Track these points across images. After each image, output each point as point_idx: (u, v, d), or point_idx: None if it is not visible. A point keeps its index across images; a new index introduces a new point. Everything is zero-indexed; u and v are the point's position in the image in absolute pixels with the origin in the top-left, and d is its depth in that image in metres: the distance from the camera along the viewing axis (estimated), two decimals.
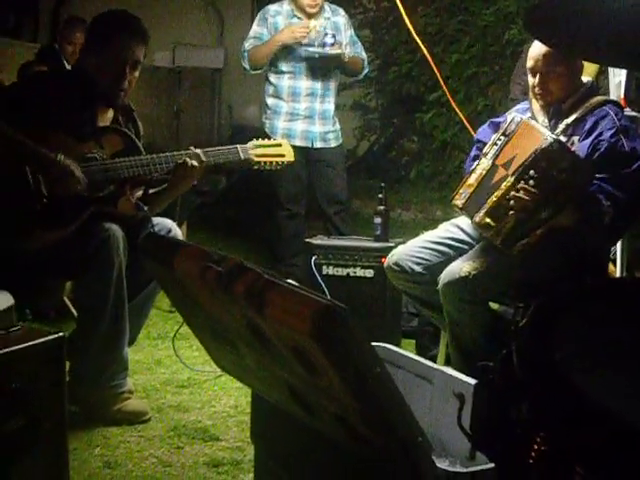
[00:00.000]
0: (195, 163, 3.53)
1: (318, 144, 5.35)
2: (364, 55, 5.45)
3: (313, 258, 4.45)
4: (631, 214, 3.30)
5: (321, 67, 5.27)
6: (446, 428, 2.33)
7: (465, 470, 1.78)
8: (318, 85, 5.30)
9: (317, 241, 4.56)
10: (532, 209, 3.14)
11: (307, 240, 4.61)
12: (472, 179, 3.33)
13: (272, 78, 5.36)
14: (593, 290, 1.44)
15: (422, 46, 4.95)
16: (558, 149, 3.14)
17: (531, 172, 3.13)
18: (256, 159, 3.82)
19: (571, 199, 3.17)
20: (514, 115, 3.38)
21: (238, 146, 3.78)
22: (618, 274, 3.79)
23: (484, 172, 3.29)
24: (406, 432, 1.73)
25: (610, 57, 2.38)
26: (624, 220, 3.27)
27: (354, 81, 8.08)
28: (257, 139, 3.91)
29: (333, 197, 5.41)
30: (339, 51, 5.18)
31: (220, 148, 3.74)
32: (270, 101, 5.39)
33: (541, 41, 2.94)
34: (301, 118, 5.31)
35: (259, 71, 5.38)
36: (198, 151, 3.60)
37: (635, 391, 1.17)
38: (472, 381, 2.33)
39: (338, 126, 5.50)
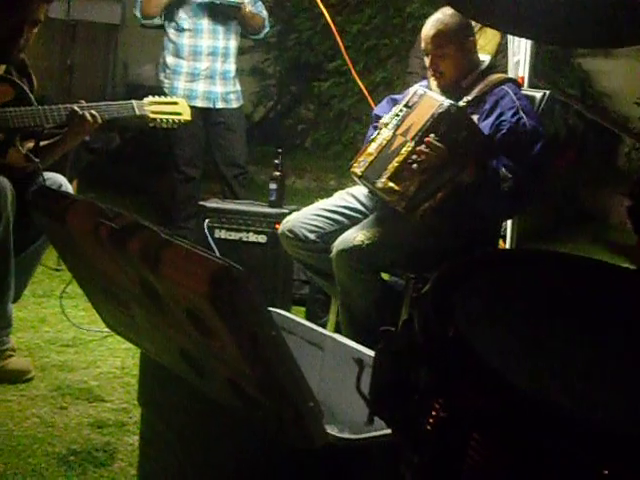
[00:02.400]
0: (89, 116, 3.44)
1: (220, 104, 5.25)
2: (265, 14, 5.35)
3: (206, 221, 4.40)
4: (530, 191, 3.34)
5: (222, 22, 5.16)
6: (335, 395, 2.34)
7: (357, 437, 1.79)
8: (219, 44, 5.20)
9: (211, 204, 4.51)
10: (437, 167, 3.15)
11: (201, 203, 4.55)
12: (372, 148, 3.33)
13: (172, 35, 5.22)
14: (491, 259, 1.46)
15: (326, 14, 4.92)
16: (456, 112, 3.18)
17: (432, 135, 3.15)
18: (152, 116, 3.75)
19: (472, 157, 3.19)
20: (417, 88, 3.41)
21: (133, 101, 3.70)
22: None
23: (384, 142, 3.30)
24: (298, 397, 1.72)
25: (521, 28, 2.42)
26: (522, 195, 3.30)
27: (253, 45, 8.01)
28: (153, 96, 3.84)
29: (232, 160, 5.33)
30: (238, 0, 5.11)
31: (115, 103, 3.66)
32: (170, 60, 5.25)
33: (459, 12, 2.98)
34: (202, 78, 5.20)
35: (150, 21, 5.25)
36: (92, 105, 3.50)
37: (533, 360, 1.18)
38: (362, 348, 2.35)
39: (239, 87, 5.40)
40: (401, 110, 3.33)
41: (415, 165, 3.18)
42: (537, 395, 1.06)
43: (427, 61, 3.46)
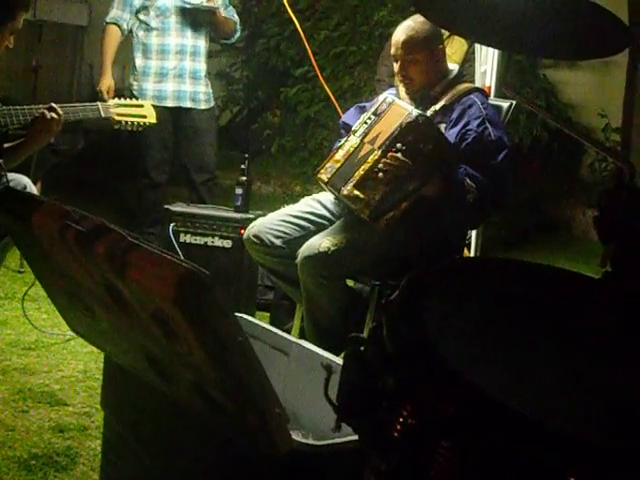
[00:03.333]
0: (55, 117, 3.41)
1: (187, 104, 5.18)
2: (237, 18, 5.31)
3: (171, 225, 4.37)
4: (494, 201, 3.37)
5: (192, 22, 5.13)
6: (300, 401, 2.33)
7: (321, 443, 1.79)
8: (188, 42, 5.14)
9: (176, 208, 4.48)
10: (402, 178, 3.16)
11: (166, 207, 4.52)
12: (339, 155, 3.34)
13: (141, 36, 5.15)
14: (459, 267, 1.46)
15: (295, 20, 4.92)
16: (424, 122, 3.19)
17: (398, 145, 3.16)
18: (117, 118, 3.75)
19: (437, 170, 3.20)
20: (386, 95, 3.42)
21: (99, 103, 3.70)
22: None
23: (352, 149, 3.31)
24: (263, 403, 1.72)
25: (489, 38, 2.45)
26: (486, 205, 3.33)
27: (220, 50, 7.99)
28: (119, 99, 3.83)
29: (202, 165, 5.26)
30: (213, 5, 5.07)
31: (80, 104, 3.64)
32: (139, 62, 5.17)
33: (429, 19, 3.00)
34: (171, 77, 5.13)
35: None
36: (57, 106, 3.48)
37: (501, 367, 1.19)
38: (328, 355, 2.34)
39: (210, 89, 5.33)
40: (369, 118, 3.33)
41: (380, 174, 3.19)
42: (505, 402, 1.06)
43: (396, 67, 3.47)
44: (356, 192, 3.22)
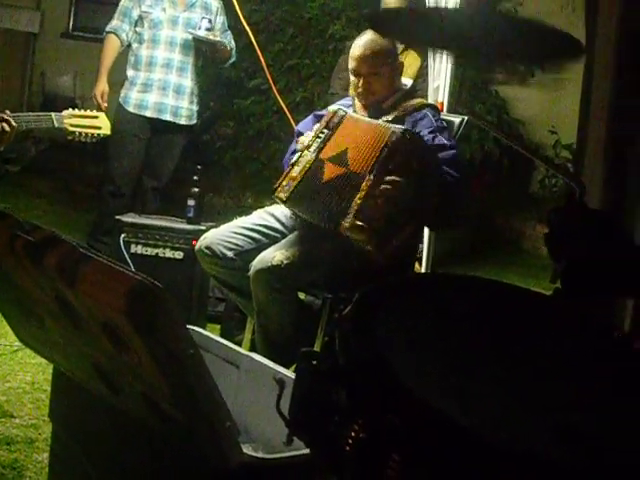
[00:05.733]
0: (5, 126, 3.37)
1: (168, 116, 5.19)
2: (233, 44, 5.31)
3: (122, 236, 4.34)
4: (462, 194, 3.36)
5: (181, 37, 5.16)
6: (251, 413, 2.33)
7: (272, 456, 1.79)
8: (175, 57, 5.18)
9: (127, 219, 4.45)
10: (401, 199, 3.10)
11: (117, 217, 4.48)
12: (295, 172, 3.30)
13: (134, 48, 5.23)
14: (412, 283, 1.47)
15: (250, 32, 4.93)
16: (411, 138, 3.14)
17: (390, 166, 3.12)
18: (70, 129, 3.71)
19: (431, 183, 3.16)
20: (337, 108, 3.41)
21: (52, 114, 3.66)
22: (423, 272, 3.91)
23: (308, 165, 3.28)
24: (214, 415, 1.71)
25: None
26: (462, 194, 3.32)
27: None
28: (73, 109, 3.80)
29: (157, 173, 5.28)
30: (213, 38, 5.10)
31: (34, 114, 3.61)
32: (130, 73, 5.24)
33: (383, 34, 3.01)
34: (155, 89, 5.16)
35: None
36: (9, 114, 3.44)
37: (451, 382, 1.20)
38: (279, 368, 2.34)
39: (195, 107, 5.35)
40: (322, 132, 3.31)
41: (379, 200, 3.09)
42: (455, 416, 1.07)
43: (359, 81, 3.44)
44: (358, 222, 3.09)
